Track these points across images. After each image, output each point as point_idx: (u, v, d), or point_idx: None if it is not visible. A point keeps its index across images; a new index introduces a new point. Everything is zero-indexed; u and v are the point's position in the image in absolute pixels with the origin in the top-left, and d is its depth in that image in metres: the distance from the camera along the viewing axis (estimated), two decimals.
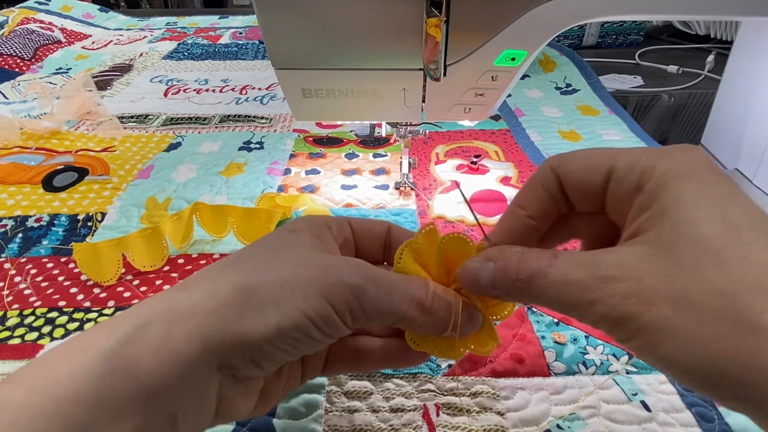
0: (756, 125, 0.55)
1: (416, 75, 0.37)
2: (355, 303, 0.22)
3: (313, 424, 0.31)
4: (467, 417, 0.31)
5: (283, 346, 0.21)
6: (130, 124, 0.70)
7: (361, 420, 0.31)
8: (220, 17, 1.21)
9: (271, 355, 0.21)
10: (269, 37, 0.36)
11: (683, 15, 0.35)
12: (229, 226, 0.45)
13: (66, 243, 0.47)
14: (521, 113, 0.71)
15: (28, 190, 0.54)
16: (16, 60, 0.91)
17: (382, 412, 0.32)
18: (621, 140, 0.62)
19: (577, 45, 1.02)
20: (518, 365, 0.34)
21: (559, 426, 0.31)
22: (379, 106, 0.40)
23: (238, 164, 0.59)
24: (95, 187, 0.55)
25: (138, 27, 1.16)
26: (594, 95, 0.75)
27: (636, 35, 1.02)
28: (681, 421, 0.31)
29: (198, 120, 0.71)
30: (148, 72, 0.89)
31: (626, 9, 0.34)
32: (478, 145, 0.63)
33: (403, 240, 0.26)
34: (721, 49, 0.89)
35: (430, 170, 0.58)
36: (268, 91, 0.81)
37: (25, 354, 0.36)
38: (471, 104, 0.40)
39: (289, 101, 0.40)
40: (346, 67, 0.37)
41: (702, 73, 0.86)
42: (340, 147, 0.63)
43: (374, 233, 0.28)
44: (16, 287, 0.42)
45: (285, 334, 0.20)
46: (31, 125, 0.66)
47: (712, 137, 0.64)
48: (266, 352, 0.20)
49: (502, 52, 0.36)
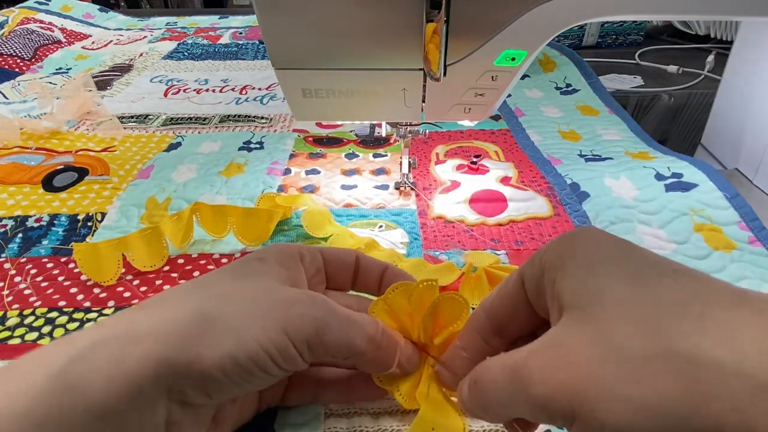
0: (756, 125, 0.55)
1: (416, 75, 0.37)
2: (315, 337, 0.22)
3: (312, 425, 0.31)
4: (467, 417, 0.31)
5: (236, 378, 0.21)
6: (130, 124, 0.70)
7: (361, 420, 0.31)
8: (220, 17, 1.21)
9: (222, 385, 0.20)
10: (269, 37, 0.36)
11: (683, 15, 0.35)
12: (229, 226, 0.45)
13: (66, 243, 0.47)
14: (521, 113, 0.71)
15: (28, 190, 0.54)
16: (16, 60, 0.91)
17: (382, 412, 0.31)
18: (621, 140, 0.62)
19: (577, 45, 1.02)
20: None
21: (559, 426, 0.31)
22: (379, 106, 0.40)
23: (238, 164, 0.59)
24: (95, 187, 0.55)
25: (138, 27, 1.16)
26: (594, 95, 0.75)
27: (636, 35, 1.02)
28: None
29: (198, 120, 0.71)
30: (148, 72, 0.89)
31: (626, 9, 0.34)
32: (478, 145, 0.63)
33: (371, 269, 0.29)
34: (721, 49, 0.89)
35: (430, 170, 0.58)
36: (268, 91, 0.81)
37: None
38: (471, 104, 0.40)
39: (289, 101, 0.40)
40: (346, 67, 0.37)
41: (702, 73, 0.86)
42: (340, 147, 0.63)
43: (344, 263, 0.29)
44: (16, 287, 0.42)
45: (239, 365, 0.20)
46: (31, 125, 0.66)
47: (712, 137, 0.64)
48: (218, 381, 0.20)
49: (502, 52, 0.36)
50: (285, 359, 0.21)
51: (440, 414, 0.26)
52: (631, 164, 0.55)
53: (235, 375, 0.20)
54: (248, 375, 0.21)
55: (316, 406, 0.31)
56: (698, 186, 0.49)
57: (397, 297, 0.27)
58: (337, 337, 0.23)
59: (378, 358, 0.24)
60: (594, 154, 0.60)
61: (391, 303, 0.27)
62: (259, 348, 0.21)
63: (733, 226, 0.45)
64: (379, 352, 0.24)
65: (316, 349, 0.22)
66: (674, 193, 0.49)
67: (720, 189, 0.48)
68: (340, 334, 0.23)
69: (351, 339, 0.23)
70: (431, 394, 0.27)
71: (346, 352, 0.23)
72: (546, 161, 0.58)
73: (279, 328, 0.21)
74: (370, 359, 0.24)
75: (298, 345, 0.21)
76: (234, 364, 0.20)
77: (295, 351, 0.21)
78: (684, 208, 0.47)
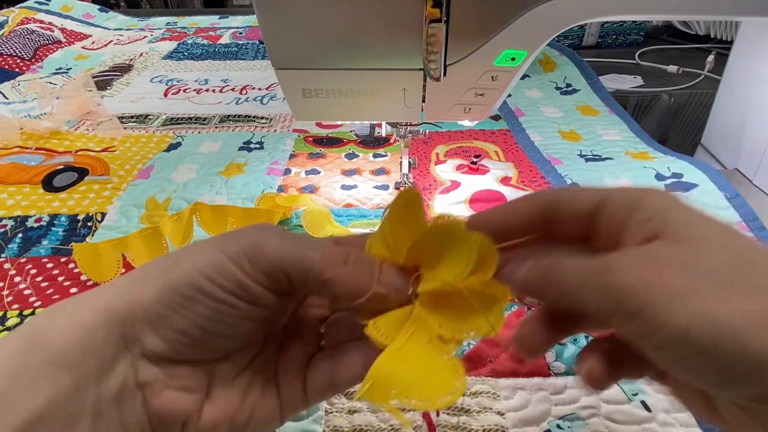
0: (756, 125, 0.55)
1: (416, 75, 0.37)
2: (251, 248, 0.21)
3: (313, 425, 0.31)
4: (467, 417, 0.31)
5: (178, 308, 0.20)
6: (130, 124, 0.70)
7: (362, 420, 0.31)
8: (220, 17, 1.21)
9: (168, 320, 0.20)
10: (269, 37, 0.36)
11: (683, 15, 0.35)
12: (229, 226, 0.45)
13: (66, 243, 0.47)
14: (521, 113, 0.71)
15: (28, 190, 0.54)
16: (16, 60, 0.91)
17: (382, 412, 0.32)
18: (621, 140, 0.62)
19: (577, 45, 1.02)
20: (518, 365, 0.34)
21: (559, 426, 0.31)
22: (379, 106, 0.40)
23: (238, 164, 0.59)
24: (95, 187, 0.55)
25: (138, 27, 1.16)
26: (594, 95, 0.75)
27: (636, 35, 1.02)
28: (681, 421, 0.31)
29: (198, 120, 0.71)
30: (148, 72, 0.89)
31: (626, 9, 0.34)
32: (478, 145, 0.63)
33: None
34: (721, 49, 0.89)
35: (430, 170, 0.58)
36: (268, 91, 0.81)
37: None
38: (471, 104, 0.40)
39: (289, 101, 0.40)
40: (346, 67, 0.37)
41: (702, 73, 0.86)
42: (340, 147, 0.63)
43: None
44: (16, 287, 0.42)
45: (176, 292, 0.20)
46: (31, 125, 0.66)
47: (712, 137, 0.64)
48: (162, 315, 0.20)
49: (502, 52, 0.36)
50: (224, 276, 0.20)
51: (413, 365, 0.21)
52: (631, 164, 0.55)
53: (176, 304, 0.20)
54: (190, 302, 0.20)
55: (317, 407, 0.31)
56: (698, 186, 0.49)
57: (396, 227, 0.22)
58: (279, 248, 0.21)
59: (348, 277, 0.21)
60: (594, 154, 0.60)
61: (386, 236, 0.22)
62: (194, 270, 0.20)
63: (733, 226, 0.45)
64: (347, 270, 0.21)
65: (257, 262, 0.21)
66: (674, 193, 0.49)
67: (720, 189, 0.48)
68: (284, 245, 0.21)
69: (301, 251, 0.21)
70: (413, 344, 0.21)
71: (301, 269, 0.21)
72: (546, 161, 0.58)
73: (214, 248, 0.21)
74: (340, 281, 0.21)
75: (235, 258, 0.21)
76: (171, 292, 0.20)
77: (233, 265, 0.20)
78: None
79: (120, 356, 0.20)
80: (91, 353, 0.19)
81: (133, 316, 0.20)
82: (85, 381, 0.19)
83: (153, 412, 0.21)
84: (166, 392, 0.21)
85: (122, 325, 0.20)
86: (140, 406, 0.20)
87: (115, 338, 0.20)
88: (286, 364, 0.24)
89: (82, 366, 0.19)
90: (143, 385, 0.21)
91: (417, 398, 0.20)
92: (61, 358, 0.19)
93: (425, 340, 0.21)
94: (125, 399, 0.20)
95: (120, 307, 0.20)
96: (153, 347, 0.20)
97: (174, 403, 0.21)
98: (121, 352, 0.20)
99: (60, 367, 0.18)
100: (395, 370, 0.20)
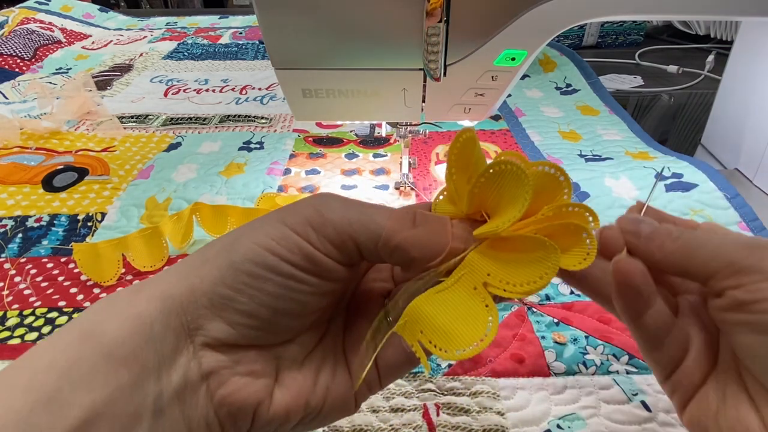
0: (755, 125, 0.55)
1: (416, 75, 0.37)
2: (316, 216, 0.19)
3: None
4: (467, 417, 0.31)
5: (243, 288, 0.19)
6: (130, 124, 0.70)
7: (362, 420, 0.31)
8: (220, 17, 1.21)
9: (232, 300, 0.19)
10: (269, 37, 0.36)
11: (683, 15, 0.35)
12: (229, 226, 0.45)
13: (66, 243, 0.47)
14: (521, 113, 0.71)
15: (28, 190, 0.54)
16: (16, 60, 0.91)
17: (382, 412, 0.32)
18: (621, 140, 0.62)
19: (577, 45, 1.02)
20: (518, 365, 0.34)
21: (559, 426, 0.31)
22: (379, 106, 0.40)
23: (238, 164, 0.59)
24: (95, 187, 0.55)
25: (138, 27, 1.16)
26: (594, 95, 0.75)
27: (636, 35, 1.02)
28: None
29: (198, 120, 0.71)
30: (148, 72, 0.89)
31: (626, 9, 0.34)
32: None
33: None
34: (721, 49, 0.89)
35: (430, 170, 0.58)
36: (268, 91, 0.81)
37: None
38: (471, 104, 0.40)
39: (289, 101, 0.40)
40: (346, 67, 0.37)
41: (702, 73, 0.86)
42: (340, 147, 0.63)
43: None
44: (16, 287, 0.42)
45: (239, 270, 0.19)
46: (31, 125, 0.66)
47: (712, 137, 0.64)
48: (227, 297, 0.19)
49: (502, 52, 0.36)
50: (290, 249, 0.19)
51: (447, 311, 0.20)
52: (631, 164, 0.55)
53: (241, 284, 0.19)
54: (256, 280, 0.19)
55: None
56: (698, 186, 0.49)
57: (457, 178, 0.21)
58: (344, 214, 0.20)
59: (421, 237, 0.20)
60: (594, 154, 0.60)
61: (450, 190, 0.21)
62: (257, 246, 0.19)
63: (734, 226, 0.45)
64: (419, 230, 0.20)
65: (323, 231, 0.19)
66: (674, 193, 0.49)
67: (720, 189, 0.48)
68: (348, 211, 0.20)
69: (368, 216, 0.20)
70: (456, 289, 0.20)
71: (370, 235, 0.20)
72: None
73: (276, 221, 0.19)
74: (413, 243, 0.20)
75: (300, 229, 0.19)
76: (235, 272, 0.19)
77: (298, 237, 0.19)
78: (684, 208, 0.47)
79: (181, 347, 0.18)
80: (150, 345, 0.18)
81: (195, 302, 0.18)
82: (143, 376, 0.17)
83: (220, 403, 0.19)
84: (234, 379, 0.19)
85: (182, 312, 0.18)
86: (205, 399, 0.19)
87: (175, 327, 0.18)
88: (354, 343, 0.23)
89: (139, 359, 0.17)
90: (208, 375, 0.19)
91: (439, 344, 0.19)
92: (116, 352, 0.17)
93: (470, 287, 0.20)
94: (188, 393, 0.18)
95: (179, 293, 0.18)
96: (218, 334, 0.19)
97: (243, 390, 0.19)
98: (182, 342, 0.18)
99: (116, 361, 0.17)
100: (429, 312, 0.20)
